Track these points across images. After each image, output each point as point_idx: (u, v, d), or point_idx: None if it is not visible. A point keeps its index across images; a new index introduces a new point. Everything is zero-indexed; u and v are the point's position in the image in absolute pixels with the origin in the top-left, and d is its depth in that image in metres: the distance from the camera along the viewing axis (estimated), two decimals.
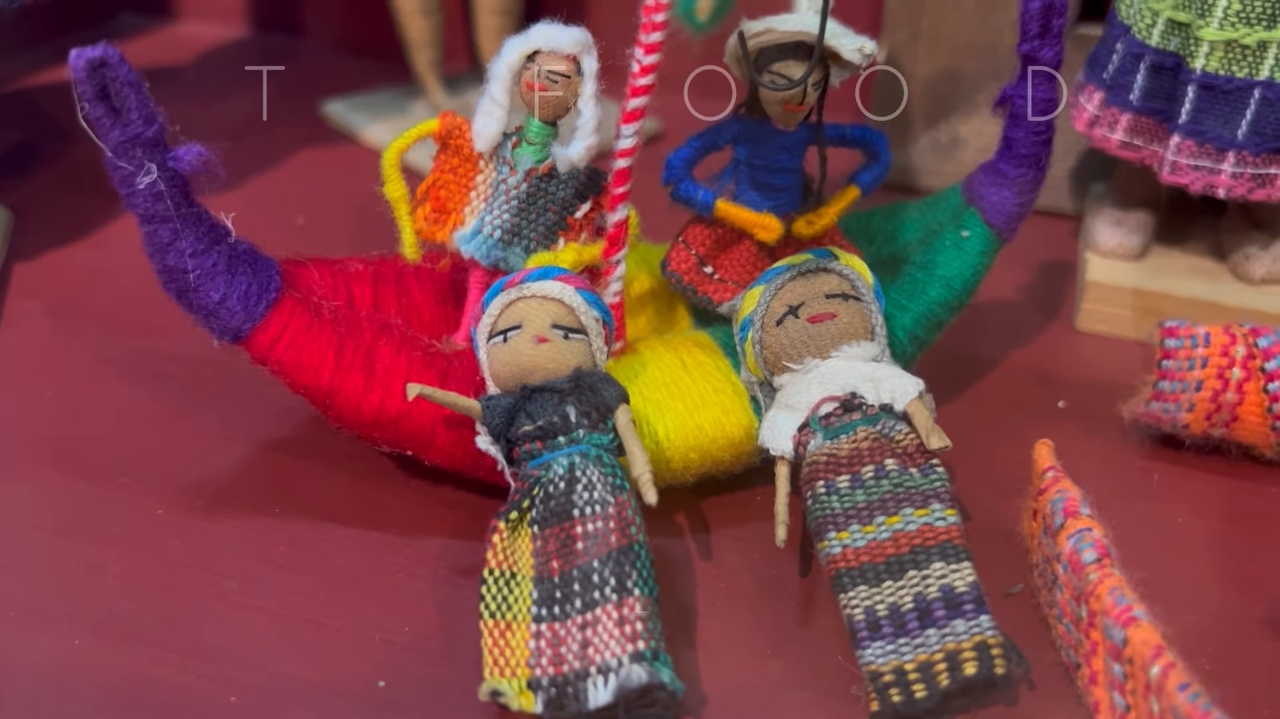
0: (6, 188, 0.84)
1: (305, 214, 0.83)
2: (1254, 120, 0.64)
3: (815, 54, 0.50)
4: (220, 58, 1.09)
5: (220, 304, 0.51)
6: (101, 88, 0.47)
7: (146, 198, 0.49)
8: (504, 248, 0.56)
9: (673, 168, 0.57)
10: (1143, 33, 0.67)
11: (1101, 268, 0.71)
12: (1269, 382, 0.58)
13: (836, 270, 0.54)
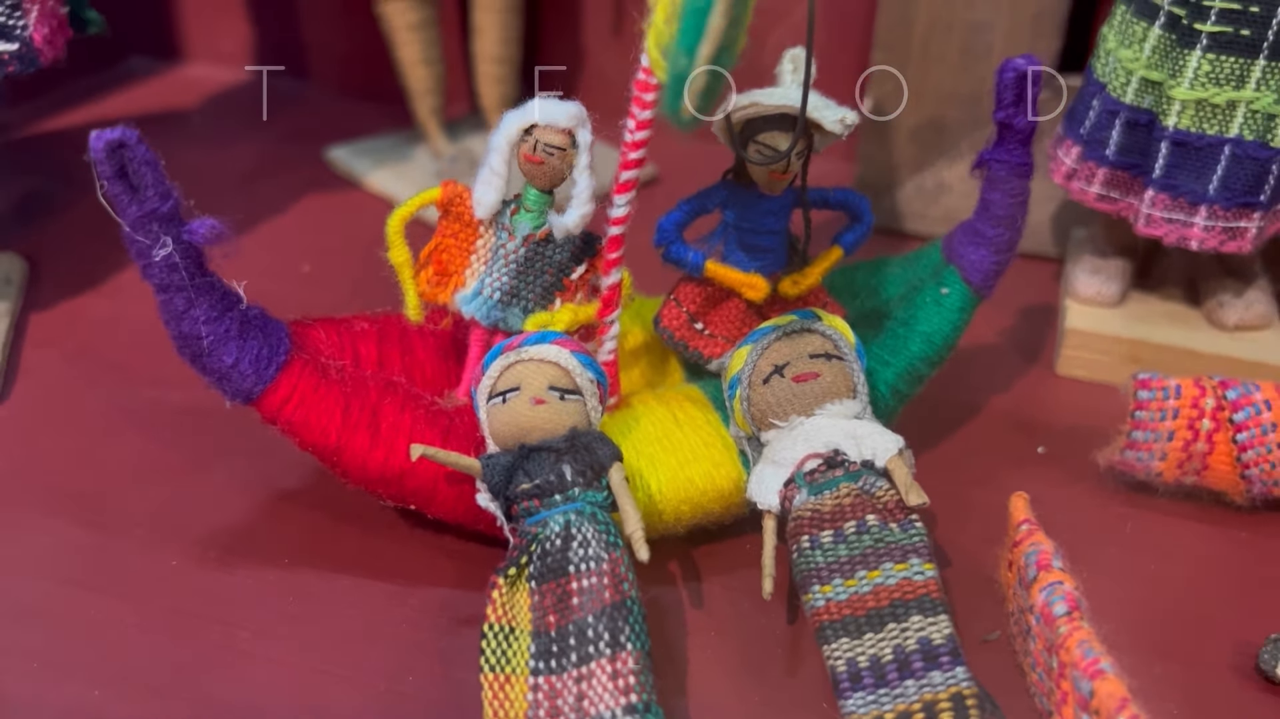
0: (20, 237, 0.87)
1: (311, 261, 0.85)
2: (1224, 176, 0.67)
3: (798, 128, 0.53)
4: (227, 101, 1.12)
5: (233, 368, 0.53)
6: (120, 167, 0.50)
7: (162, 269, 0.51)
8: (503, 308, 0.59)
9: (664, 231, 0.59)
10: (1118, 90, 0.69)
11: (1080, 314, 0.74)
12: (1237, 432, 0.60)
13: (820, 331, 0.56)
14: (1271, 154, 0.65)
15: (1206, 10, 0.64)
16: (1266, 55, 0.64)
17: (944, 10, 0.81)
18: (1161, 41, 0.67)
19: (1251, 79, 0.65)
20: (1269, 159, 0.65)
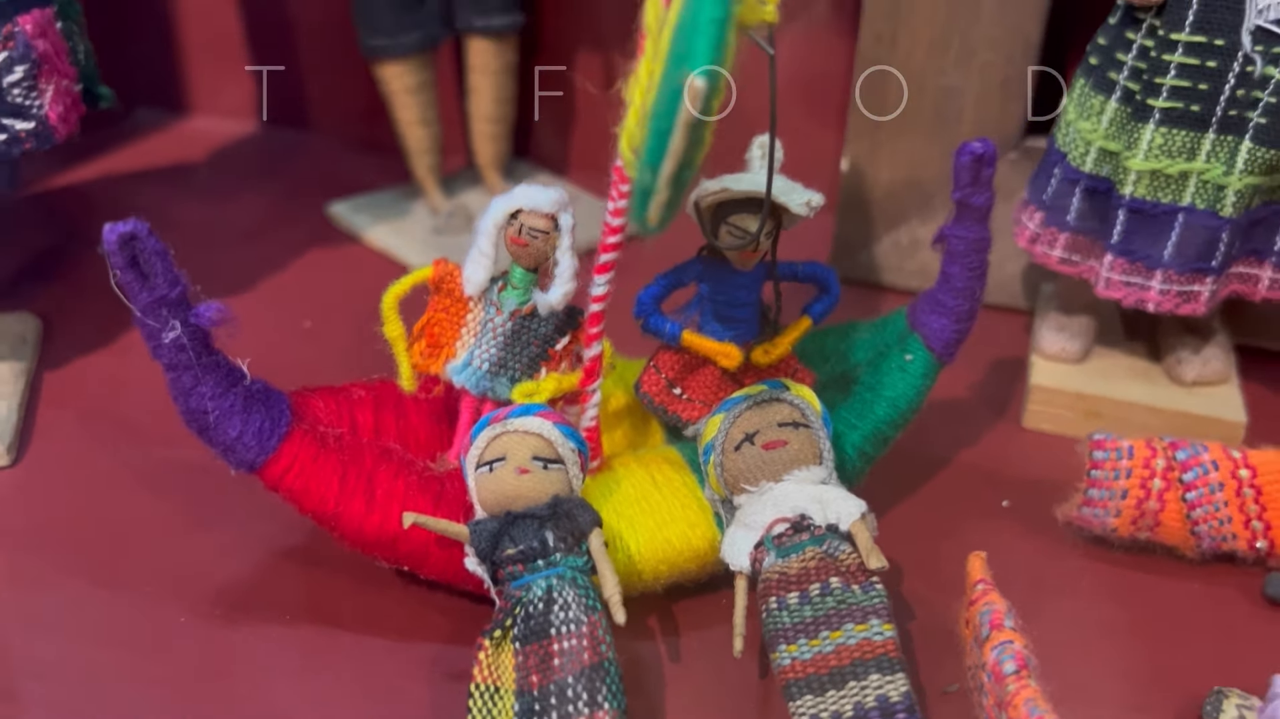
0: (33, 294, 0.91)
1: (312, 316, 0.89)
2: (1178, 242, 0.70)
3: (764, 213, 0.57)
4: (232, 153, 1.16)
5: (237, 440, 0.57)
6: (131, 257, 0.53)
7: (171, 350, 0.55)
8: (491, 378, 0.62)
9: (642, 304, 0.63)
10: (1077, 160, 0.73)
11: (1046, 371, 0.77)
12: (1186, 491, 0.63)
13: (788, 400, 0.60)
14: (1222, 223, 0.69)
15: (1159, 87, 0.68)
16: (1215, 129, 0.68)
17: (917, 75, 0.85)
18: (1118, 115, 0.71)
19: (1202, 151, 0.68)
20: (1219, 227, 0.69)
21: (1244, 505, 0.63)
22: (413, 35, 0.92)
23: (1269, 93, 0.66)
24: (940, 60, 0.84)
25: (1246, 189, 0.68)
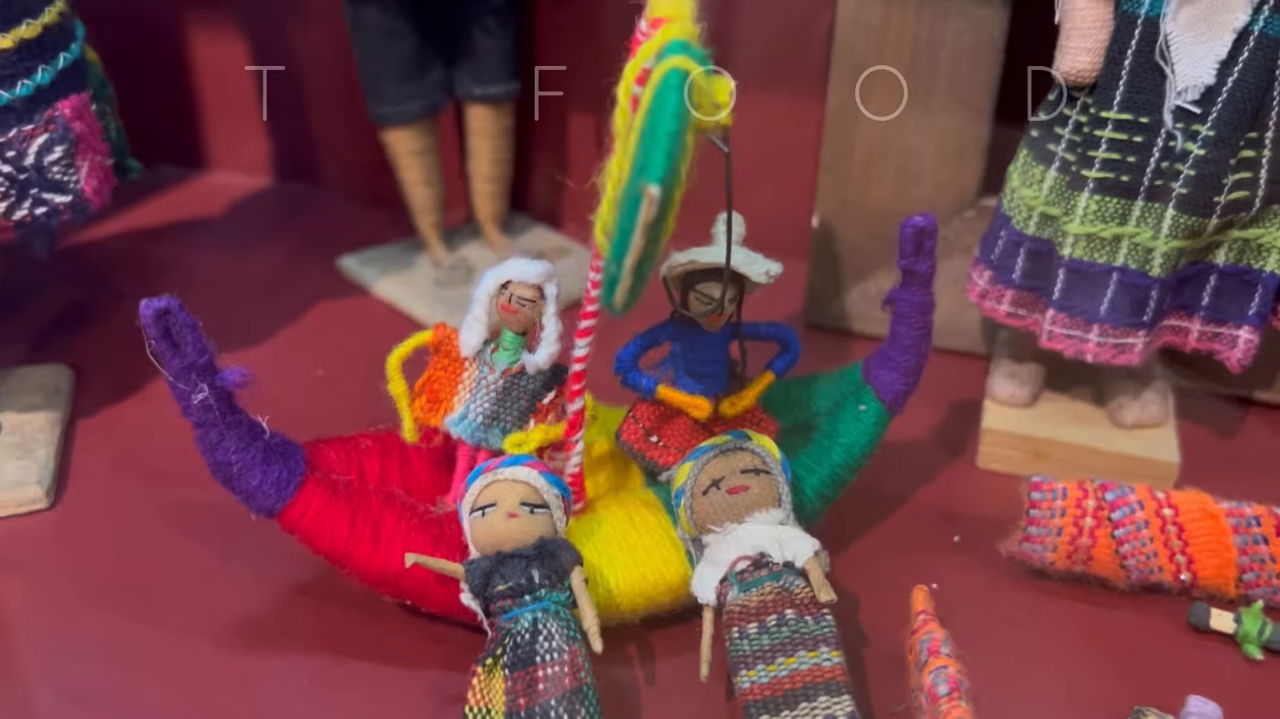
0: (65, 346, 0.98)
1: (323, 365, 0.96)
2: (1113, 299, 0.77)
3: (724, 284, 0.64)
4: (248, 207, 1.23)
5: (257, 489, 0.64)
6: (165, 329, 0.60)
7: (199, 410, 0.62)
8: (485, 430, 0.69)
9: (621, 361, 0.69)
10: (1021, 224, 0.80)
11: (997, 415, 0.84)
12: (1115, 528, 0.70)
13: (750, 449, 0.67)
14: (1151, 282, 0.75)
15: (1092, 159, 0.75)
16: (1143, 198, 0.74)
17: (880, 139, 0.92)
18: (1056, 183, 0.78)
19: (1132, 217, 0.75)
20: (1149, 286, 0.75)
21: (1168, 541, 0.70)
22: (416, 104, 1.00)
23: (1189, 165, 0.72)
24: (901, 127, 0.91)
25: (1172, 251, 0.74)
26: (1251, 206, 0.74)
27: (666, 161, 0.49)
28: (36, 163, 0.77)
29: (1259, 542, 0.69)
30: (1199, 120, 0.72)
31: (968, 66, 0.88)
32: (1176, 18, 0.70)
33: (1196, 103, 0.72)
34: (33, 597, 0.72)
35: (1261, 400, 0.90)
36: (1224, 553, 0.69)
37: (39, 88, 0.76)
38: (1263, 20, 0.69)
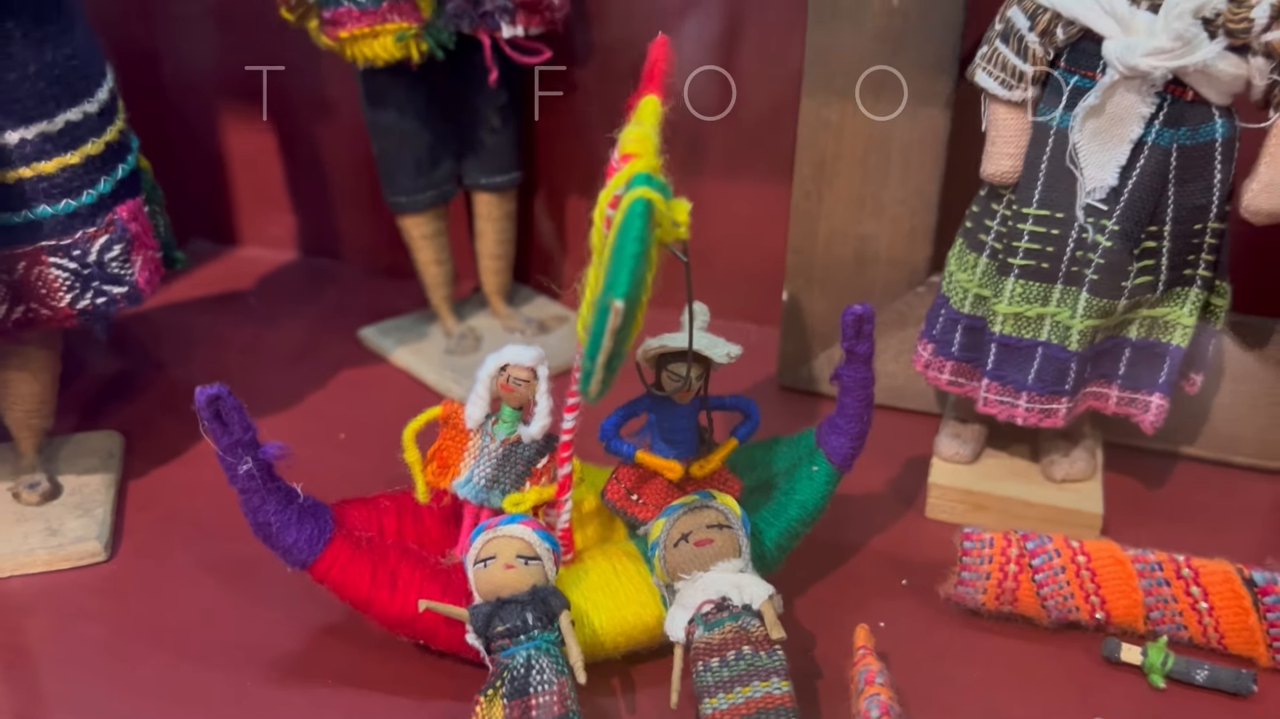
0: (115, 413, 1.09)
1: (346, 429, 1.07)
2: (1038, 370, 0.87)
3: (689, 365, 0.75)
4: (277, 280, 1.35)
5: (292, 545, 0.74)
6: (216, 412, 0.71)
7: (244, 479, 0.73)
8: (487, 492, 0.80)
9: (604, 430, 0.80)
10: (958, 303, 0.90)
11: (942, 471, 0.94)
12: (1035, 574, 0.80)
13: (715, 507, 0.77)
14: (1070, 355, 0.86)
15: (1016, 249, 0.85)
16: (1061, 282, 0.85)
17: (840, 224, 1.03)
18: (987, 269, 0.88)
19: (1052, 299, 0.85)
20: (1068, 359, 0.86)
21: (1083, 584, 0.80)
22: (428, 194, 1.11)
23: (1098, 255, 0.83)
24: (858, 213, 1.02)
25: (1088, 329, 0.85)
26: (1156, 289, 0.85)
27: (630, 280, 0.60)
28: (98, 259, 0.88)
29: (1162, 584, 0.79)
30: (1106, 216, 0.83)
31: (916, 160, 0.99)
32: (1082, 129, 0.81)
33: (1103, 201, 0.82)
34: (93, 639, 0.82)
35: (1185, 454, 1.00)
36: (1132, 594, 0.79)
37: (101, 196, 0.87)
38: (1154, 133, 0.80)
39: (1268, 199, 0.81)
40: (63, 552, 0.89)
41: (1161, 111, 0.79)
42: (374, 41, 0.99)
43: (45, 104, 0.83)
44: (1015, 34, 0.82)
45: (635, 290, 0.61)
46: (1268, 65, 0.77)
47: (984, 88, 0.85)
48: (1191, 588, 0.79)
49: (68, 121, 0.85)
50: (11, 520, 0.91)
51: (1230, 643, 0.79)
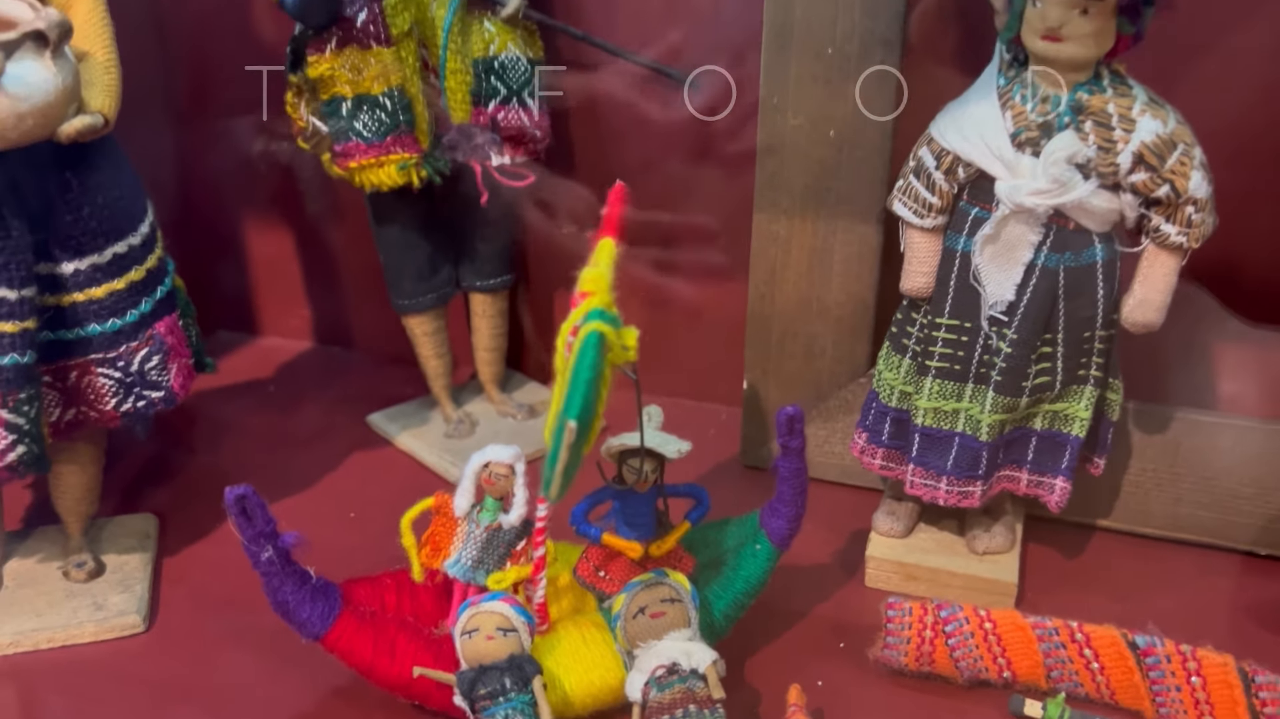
0: (150, 496, 1.22)
1: (355, 508, 1.19)
2: (955, 457, 1.00)
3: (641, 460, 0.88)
4: (294, 367, 1.49)
5: (306, 620, 0.87)
6: (242, 508, 0.84)
7: (265, 564, 0.86)
8: (473, 571, 0.92)
9: (574, 516, 0.93)
10: (886, 398, 1.03)
11: (879, 544, 1.06)
12: (948, 639, 0.92)
13: (668, 583, 0.90)
14: (981, 445, 0.98)
15: (932, 352, 0.98)
16: (972, 382, 0.98)
17: (790, 324, 1.16)
18: (909, 369, 1.01)
19: (965, 396, 0.98)
20: (980, 448, 0.98)
21: (990, 647, 0.92)
22: (429, 297, 1.25)
23: (1001, 359, 0.96)
24: (806, 314, 1.16)
25: (996, 422, 0.97)
26: (1054, 388, 0.97)
27: (582, 403, 0.73)
28: (139, 369, 1.02)
29: (1059, 647, 0.91)
30: (1006, 326, 0.95)
31: (854, 270, 1.13)
32: (982, 254, 0.94)
33: (1004, 313, 0.95)
34: (133, 702, 0.94)
35: (1100, 526, 1.12)
36: (1033, 656, 0.91)
37: (143, 314, 1.01)
38: (1043, 256, 0.93)
39: (1142, 313, 0.94)
40: (107, 624, 1.01)
41: (1048, 239, 0.92)
42: (379, 170, 1.14)
43: (96, 240, 0.97)
44: (925, 171, 0.95)
45: (588, 412, 0.74)
46: (1135, 201, 0.90)
47: (900, 216, 0.98)
48: (1085, 650, 0.91)
49: (115, 254, 0.99)
50: (62, 596, 1.04)
51: (1120, 698, 0.90)
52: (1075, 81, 0.88)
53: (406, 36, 1.11)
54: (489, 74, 1.14)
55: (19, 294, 0.92)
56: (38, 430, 0.96)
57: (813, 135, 1.09)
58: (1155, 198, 0.89)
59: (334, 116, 1.11)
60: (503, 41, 1.14)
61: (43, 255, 0.95)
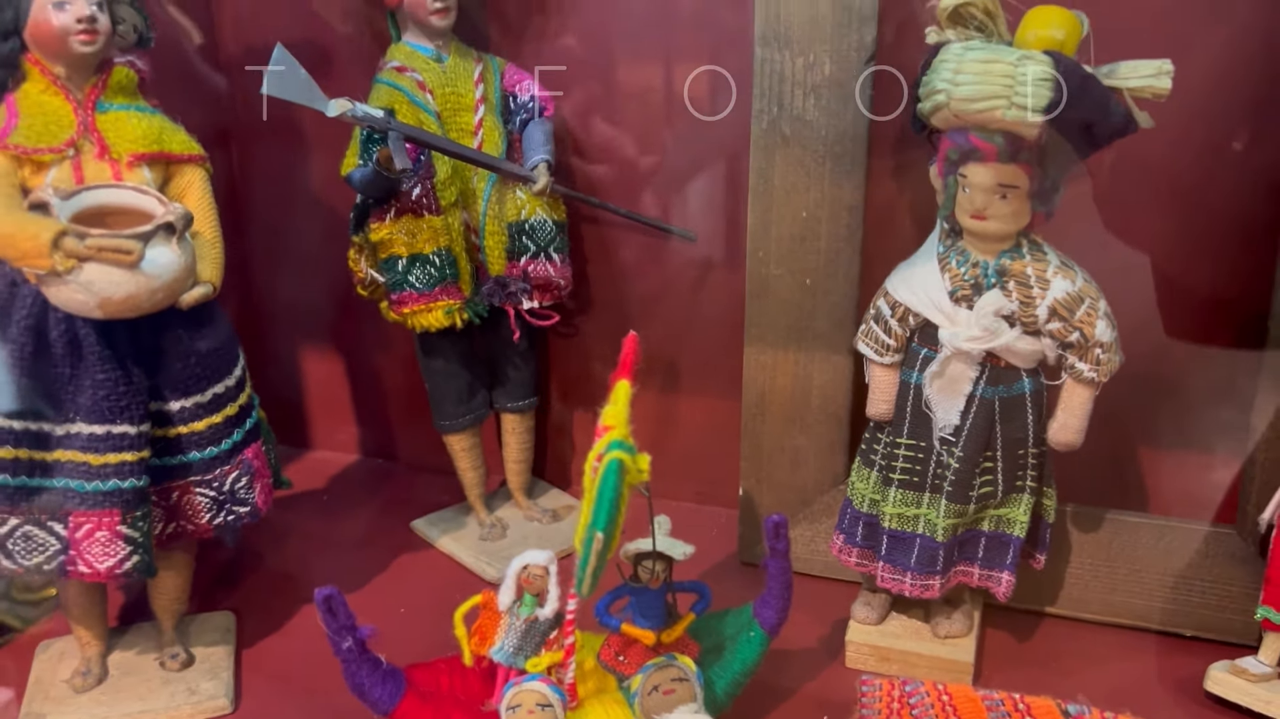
0: (226, 595, 1.40)
1: (404, 604, 1.38)
2: (917, 555, 1.18)
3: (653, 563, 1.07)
4: (344, 478, 1.68)
5: (378, 700, 1.05)
6: (329, 606, 1.03)
7: (345, 652, 1.04)
8: (514, 657, 1.11)
9: (598, 610, 1.11)
10: (858, 505, 1.22)
11: (857, 630, 1.24)
12: (912, 710, 1.10)
13: (676, 665, 1.07)
14: (938, 545, 1.16)
15: (895, 467, 1.18)
16: (929, 491, 1.17)
17: (778, 440, 1.35)
18: (877, 480, 1.20)
19: (923, 504, 1.17)
20: (937, 548, 1.17)
21: (948, 716, 1.09)
22: (467, 419, 1.45)
23: (950, 473, 1.15)
24: (791, 430, 1.35)
25: (949, 525, 1.16)
26: (997, 496, 1.16)
27: (607, 518, 0.92)
28: (230, 489, 1.21)
29: (1005, 716, 1.09)
30: (954, 445, 1.15)
31: (830, 393, 1.33)
32: (930, 387, 1.14)
33: (951, 435, 1.15)
34: None
35: (1047, 612, 1.30)
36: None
37: (235, 443, 1.21)
38: (981, 389, 1.13)
39: (1064, 435, 1.13)
40: (200, 707, 1.19)
41: (984, 374, 1.12)
42: (428, 314, 1.35)
43: (199, 382, 1.18)
44: (882, 319, 1.16)
45: (611, 525, 0.93)
46: (1054, 344, 1.10)
47: (864, 354, 1.18)
48: (1026, 717, 1.08)
49: (214, 394, 1.19)
50: (159, 683, 1.22)
51: None
52: (999, 249, 1.09)
53: (453, 206, 1.33)
54: (521, 234, 1.36)
55: (138, 429, 1.12)
56: (149, 542, 1.15)
57: (791, 284, 1.30)
58: (1069, 342, 1.09)
59: (391, 272, 1.33)
60: (532, 208, 1.36)
61: (156, 396, 1.15)
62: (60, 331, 1.09)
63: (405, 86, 1.31)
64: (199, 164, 1.17)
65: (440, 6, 1.29)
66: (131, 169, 1.11)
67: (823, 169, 1.26)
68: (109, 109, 1.11)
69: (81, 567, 1.12)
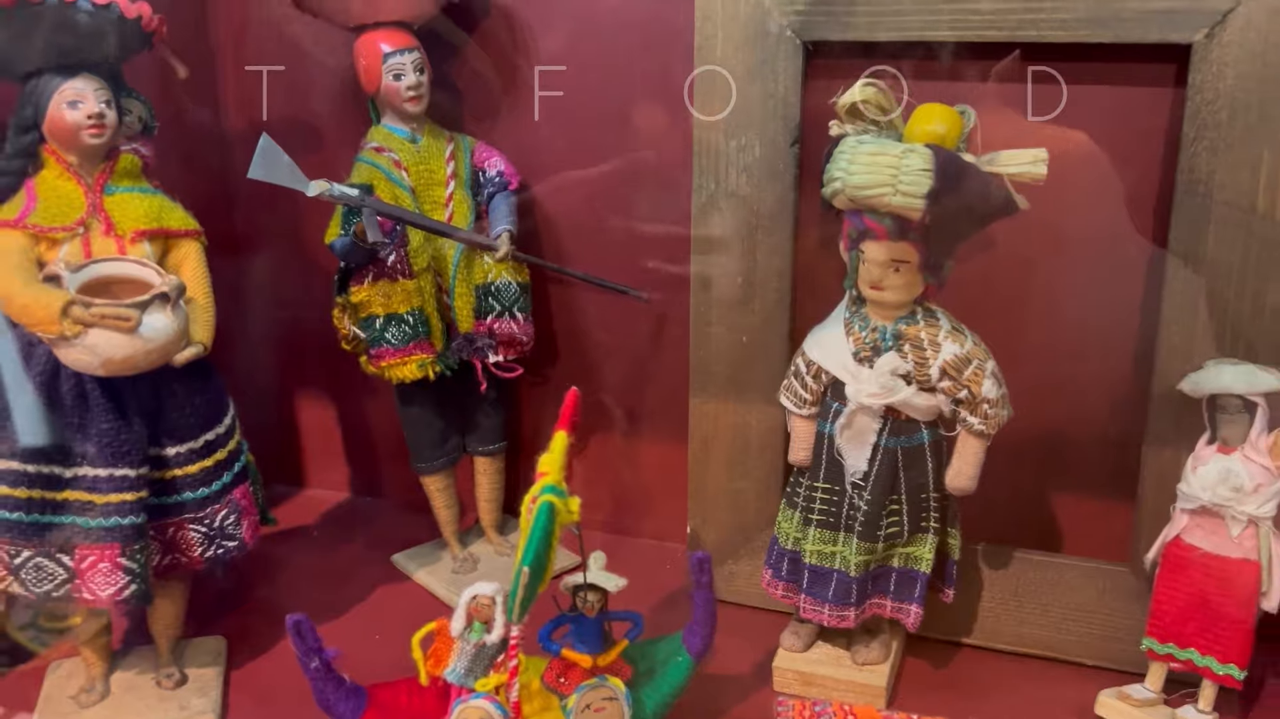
0: (218, 621, 1.52)
1: (380, 632, 1.51)
2: (834, 589, 1.29)
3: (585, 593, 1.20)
4: (332, 515, 1.82)
5: (342, 713, 1.18)
6: (299, 630, 1.17)
7: (314, 672, 1.17)
8: (465, 678, 1.23)
9: (541, 636, 1.24)
10: (784, 542, 1.34)
11: (784, 657, 1.36)
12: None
13: (607, 686, 1.20)
14: (852, 579, 1.28)
15: (813, 508, 1.30)
16: (843, 530, 1.29)
17: (721, 482, 1.48)
18: (798, 520, 1.33)
19: (839, 542, 1.29)
20: (851, 582, 1.28)
21: None
22: (441, 461, 1.59)
23: (860, 514, 1.27)
24: (733, 473, 1.48)
25: (861, 561, 1.28)
26: (903, 535, 1.29)
27: (534, 555, 1.06)
28: (220, 525, 1.35)
29: None
30: (864, 489, 1.27)
31: (767, 441, 1.45)
32: (841, 436, 1.27)
33: (860, 479, 1.27)
34: None
35: (963, 642, 1.42)
36: None
37: (224, 484, 1.35)
38: (884, 439, 1.25)
39: (959, 481, 1.26)
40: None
41: (887, 426, 1.25)
42: (403, 367, 1.49)
43: (193, 429, 1.32)
44: (800, 375, 1.29)
45: (540, 560, 1.07)
46: (947, 400, 1.23)
47: (785, 407, 1.32)
48: None
49: (206, 440, 1.33)
50: (155, 700, 1.35)
51: None
52: (896, 316, 1.22)
53: (425, 270, 1.47)
54: (487, 295, 1.50)
55: (137, 472, 1.27)
56: (146, 572, 1.29)
57: (730, 341, 1.43)
58: (959, 398, 1.22)
59: (369, 329, 1.47)
60: (498, 272, 1.50)
61: (154, 442, 1.30)
62: (70, 386, 1.24)
63: (383, 165, 1.46)
64: (194, 238, 1.32)
65: (413, 95, 1.45)
66: (134, 244, 1.26)
67: (755, 239, 1.40)
68: (115, 191, 1.26)
69: (85, 594, 1.26)
